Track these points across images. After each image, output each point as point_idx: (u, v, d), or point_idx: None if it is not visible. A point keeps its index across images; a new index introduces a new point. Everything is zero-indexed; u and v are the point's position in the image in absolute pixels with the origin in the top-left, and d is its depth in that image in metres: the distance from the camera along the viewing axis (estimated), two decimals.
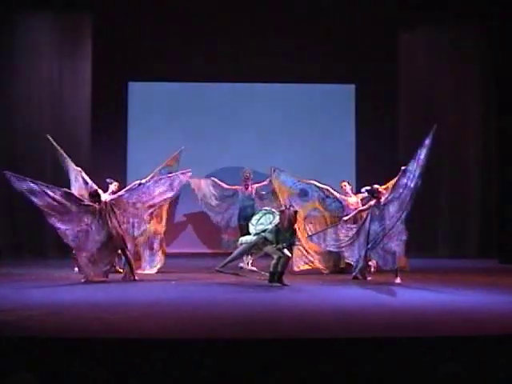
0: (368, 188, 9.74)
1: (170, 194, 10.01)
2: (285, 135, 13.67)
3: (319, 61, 13.60)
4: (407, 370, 5.14)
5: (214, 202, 12.05)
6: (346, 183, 10.78)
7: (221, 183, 11.93)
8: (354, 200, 10.70)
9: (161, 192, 9.81)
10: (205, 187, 12.08)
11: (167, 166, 10.76)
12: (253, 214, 11.16)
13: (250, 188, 11.51)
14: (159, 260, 10.54)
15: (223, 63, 13.56)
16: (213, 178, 12.09)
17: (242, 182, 11.60)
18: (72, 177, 10.41)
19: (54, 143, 10.56)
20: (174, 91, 13.85)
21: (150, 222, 10.11)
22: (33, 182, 9.24)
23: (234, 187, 11.74)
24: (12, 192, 9.41)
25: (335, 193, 10.66)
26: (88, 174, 10.47)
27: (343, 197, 10.64)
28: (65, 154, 10.56)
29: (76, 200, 9.45)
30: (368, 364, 5.16)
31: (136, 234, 9.83)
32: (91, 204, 9.44)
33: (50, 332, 5.77)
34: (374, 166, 12.87)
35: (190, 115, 13.73)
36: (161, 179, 9.94)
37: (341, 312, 6.94)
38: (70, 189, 9.96)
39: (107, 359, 5.12)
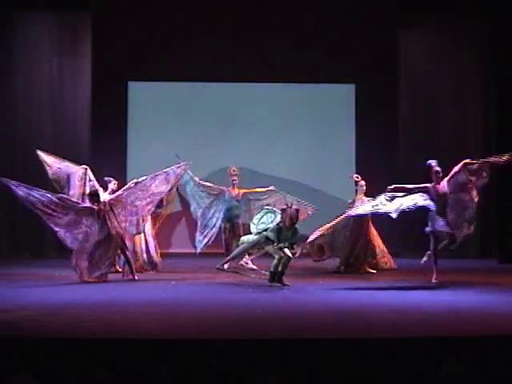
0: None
1: (166, 188, 10.05)
2: (284, 135, 13.64)
3: (319, 61, 13.58)
4: (407, 370, 5.14)
5: (201, 193, 11.69)
6: (362, 181, 10.71)
7: (205, 183, 11.49)
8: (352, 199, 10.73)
9: (157, 186, 9.89)
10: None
11: None
12: (237, 216, 11.11)
13: (236, 190, 11.18)
14: (157, 260, 10.60)
15: (223, 63, 13.54)
16: (197, 180, 11.43)
17: (230, 181, 11.36)
18: (74, 179, 10.30)
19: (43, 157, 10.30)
20: (174, 91, 13.84)
21: (148, 221, 10.18)
22: (28, 189, 9.25)
23: (220, 187, 11.35)
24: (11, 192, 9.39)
25: None
26: None
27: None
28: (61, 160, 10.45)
29: (73, 204, 9.48)
30: (368, 364, 5.15)
31: (135, 232, 9.87)
32: (89, 206, 9.47)
33: (50, 332, 5.77)
34: (373, 166, 12.86)
35: (190, 115, 13.71)
36: (157, 175, 10.03)
37: (341, 312, 6.94)
38: (67, 194, 9.96)
39: (107, 359, 5.12)
